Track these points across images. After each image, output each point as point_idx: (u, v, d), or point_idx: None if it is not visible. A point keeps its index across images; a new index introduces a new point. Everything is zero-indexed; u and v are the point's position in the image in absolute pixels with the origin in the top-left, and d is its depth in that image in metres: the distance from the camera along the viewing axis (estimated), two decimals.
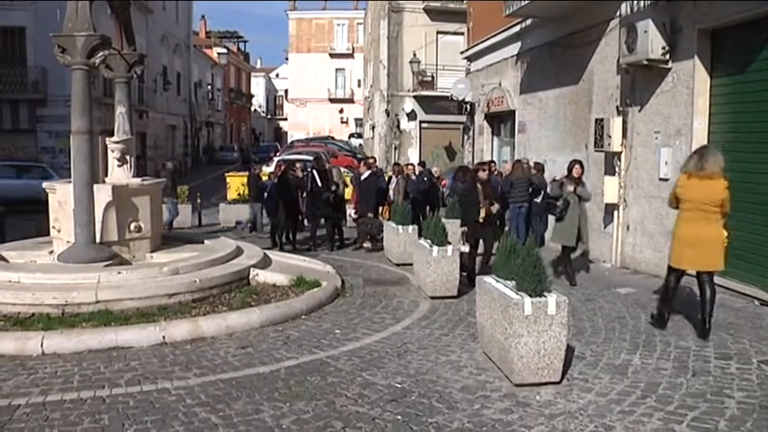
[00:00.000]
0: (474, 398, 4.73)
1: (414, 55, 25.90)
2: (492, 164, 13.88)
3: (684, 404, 4.58)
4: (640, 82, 9.64)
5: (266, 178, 15.09)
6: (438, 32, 26.17)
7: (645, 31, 8.83)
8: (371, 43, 35.18)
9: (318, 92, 57.92)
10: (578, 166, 8.85)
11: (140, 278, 7.32)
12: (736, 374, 5.16)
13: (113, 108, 9.34)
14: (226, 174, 20.79)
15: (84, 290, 6.76)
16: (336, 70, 59.01)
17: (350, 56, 57.87)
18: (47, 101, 23.76)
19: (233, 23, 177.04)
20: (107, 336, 5.89)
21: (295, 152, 27.15)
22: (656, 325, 6.47)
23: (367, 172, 12.52)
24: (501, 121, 16.79)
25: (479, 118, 17.57)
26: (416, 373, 5.23)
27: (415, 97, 27.01)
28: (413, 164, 15.71)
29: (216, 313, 6.80)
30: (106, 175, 8.92)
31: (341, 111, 58.75)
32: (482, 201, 8.60)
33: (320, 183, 11.99)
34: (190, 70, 41.05)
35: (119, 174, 9.03)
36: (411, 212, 10.78)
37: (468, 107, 18.39)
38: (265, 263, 8.98)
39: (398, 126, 27.55)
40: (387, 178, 13.86)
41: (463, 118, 19.14)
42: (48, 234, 8.71)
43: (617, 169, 10.26)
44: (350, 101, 58.11)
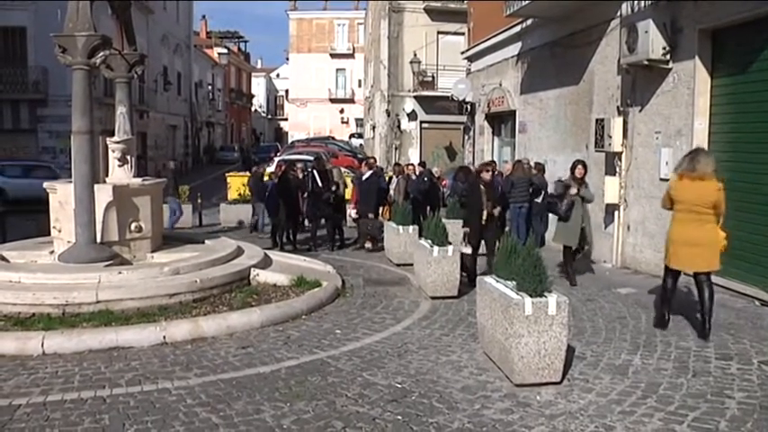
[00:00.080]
0: (474, 398, 4.73)
1: (414, 55, 25.90)
2: (492, 164, 13.92)
3: (685, 404, 4.58)
4: (641, 82, 9.64)
5: (267, 178, 15.09)
6: (438, 32, 26.18)
7: (645, 32, 8.83)
8: (372, 43, 35.18)
9: (319, 92, 57.92)
10: (581, 167, 8.82)
11: (141, 278, 7.32)
12: (736, 375, 5.15)
13: (114, 108, 9.35)
14: (226, 174, 20.80)
15: (84, 290, 6.76)
16: (337, 70, 59.02)
17: (350, 56, 57.88)
18: (47, 101, 23.80)
19: (233, 23, 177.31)
20: (108, 336, 5.89)
21: (295, 152, 27.16)
22: (657, 325, 6.48)
23: (368, 172, 12.51)
24: (501, 122, 16.79)
25: (480, 118, 17.57)
26: (417, 374, 5.23)
27: (416, 97, 27.01)
28: (413, 164, 15.72)
29: (216, 313, 6.80)
30: (107, 175, 8.93)
31: (341, 111, 58.75)
32: (485, 202, 8.56)
33: (321, 183, 11.99)
34: (190, 70, 41.08)
35: (119, 174, 9.04)
36: (411, 212, 10.78)
37: (468, 107, 18.40)
38: (266, 263, 8.99)
39: (399, 126, 27.56)
40: (387, 178, 13.87)
41: (464, 118, 19.15)
42: (48, 234, 8.72)
43: (617, 169, 10.26)
44: (350, 101, 58.11)
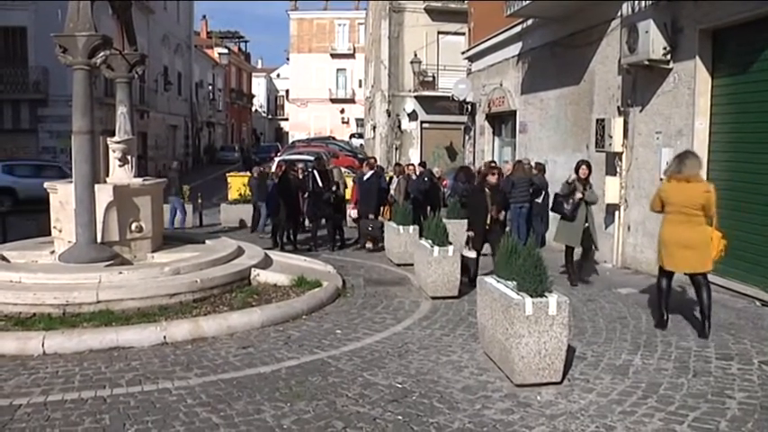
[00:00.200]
0: (475, 398, 4.73)
1: (415, 55, 25.89)
2: (492, 164, 13.91)
3: (685, 404, 4.58)
4: (641, 82, 9.64)
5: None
6: (439, 32, 26.17)
7: (646, 32, 8.83)
8: (372, 43, 35.17)
9: (319, 92, 57.91)
10: (585, 167, 8.74)
11: (141, 278, 7.32)
12: (737, 375, 5.15)
13: (114, 108, 9.35)
14: (227, 174, 20.80)
15: (85, 290, 6.77)
16: (337, 70, 59.01)
17: (351, 56, 57.87)
18: (48, 101, 23.80)
19: (234, 23, 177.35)
20: (108, 336, 5.89)
21: (296, 152, 27.14)
22: (657, 326, 6.48)
23: (369, 172, 12.51)
24: (502, 122, 16.79)
25: (480, 118, 17.57)
26: (417, 374, 5.23)
27: (416, 97, 27.00)
28: (413, 164, 15.70)
29: (217, 313, 6.80)
30: (107, 175, 8.93)
31: (342, 111, 58.74)
32: (490, 206, 8.50)
33: (321, 183, 11.99)
34: (191, 70, 41.09)
35: (120, 174, 9.03)
36: (412, 212, 10.77)
37: (469, 107, 18.40)
38: (266, 263, 8.99)
39: (399, 126, 27.55)
40: (387, 178, 13.86)
41: (464, 118, 19.15)
42: (49, 234, 8.72)
43: (618, 170, 10.26)
44: (351, 101, 58.11)
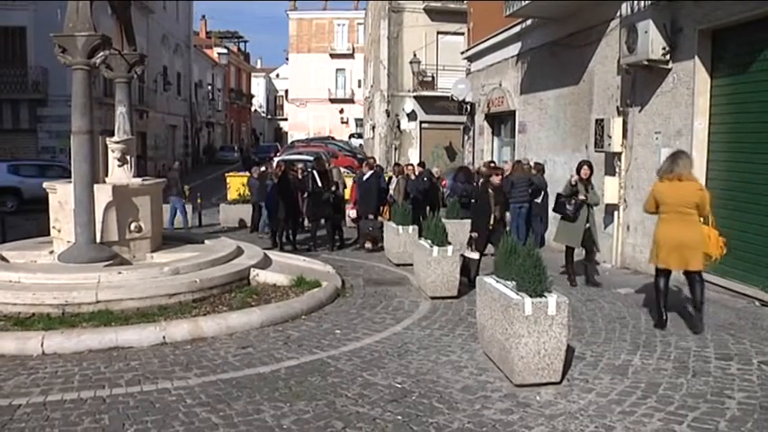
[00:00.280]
0: (474, 398, 4.73)
1: (414, 55, 25.87)
2: (491, 164, 13.90)
3: (685, 404, 4.58)
4: (641, 82, 9.64)
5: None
6: (438, 33, 26.14)
7: (645, 32, 8.84)
8: (372, 43, 35.16)
9: (319, 92, 57.88)
10: (587, 167, 8.68)
11: (141, 278, 7.32)
12: (736, 375, 5.16)
13: (114, 108, 9.36)
14: (226, 174, 20.79)
15: (84, 290, 6.76)
16: (337, 70, 58.98)
17: (350, 56, 57.84)
18: (47, 101, 23.77)
19: (233, 23, 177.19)
20: (107, 336, 5.89)
21: (295, 152, 27.13)
22: (657, 326, 6.48)
23: (369, 172, 12.50)
24: (501, 122, 16.79)
25: (480, 118, 17.58)
26: (417, 374, 5.23)
27: (416, 97, 26.99)
28: (413, 164, 15.69)
29: (216, 313, 6.80)
30: (107, 175, 8.93)
31: (341, 111, 58.72)
32: (493, 207, 8.49)
33: (321, 183, 11.98)
34: (190, 70, 41.07)
35: (119, 174, 9.03)
36: (411, 213, 10.77)
37: (468, 107, 18.40)
38: (266, 263, 8.99)
39: (399, 126, 27.53)
40: (387, 178, 13.86)
41: (463, 118, 19.14)
42: (48, 234, 8.71)
43: (617, 170, 10.26)
44: (350, 101, 58.08)
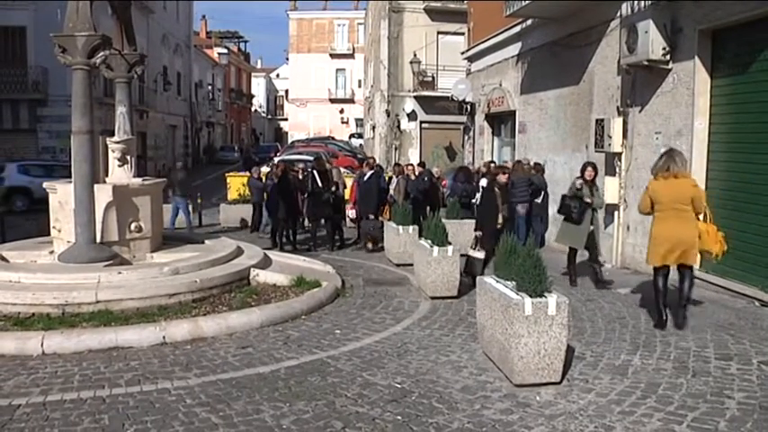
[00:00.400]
0: (474, 398, 4.73)
1: (414, 55, 25.87)
2: (492, 164, 13.90)
3: (685, 405, 4.58)
4: (641, 82, 9.64)
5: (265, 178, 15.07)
6: (438, 33, 26.14)
7: (645, 32, 8.84)
8: (372, 43, 35.16)
9: (319, 92, 57.89)
10: (591, 169, 8.63)
11: (141, 278, 7.32)
12: (736, 375, 5.16)
13: (114, 108, 9.36)
14: (226, 174, 20.79)
15: (84, 290, 6.76)
16: (337, 70, 58.99)
17: (350, 56, 57.84)
18: (47, 101, 23.78)
19: (233, 23, 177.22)
20: (107, 336, 5.89)
21: (295, 152, 27.14)
22: (657, 326, 6.48)
23: (369, 172, 12.51)
24: (501, 122, 16.80)
25: (480, 118, 17.58)
26: (416, 374, 5.23)
27: (416, 97, 26.99)
28: (413, 164, 15.69)
29: (216, 313, 6.80)
30: (107, 175, 8.93)
31: (341, 111, 58.73)
32: (500, 206, 8.48)
33: (321, 183, 11.98)
34: (190, 70, 41.08)
35: (119, 174, 9.04)
36: (411, 213, 10.77)
37: (468, 107, 18.40)
38: (265, 263, 8.99)
39: (399, 126, 27.53)
40: (387, 178, 13.86)
41: (463, 118, 19.15)
42: (48, 234, 8.71)
43: (617, 170, 10.26)
44: (350, 101, 58.08)
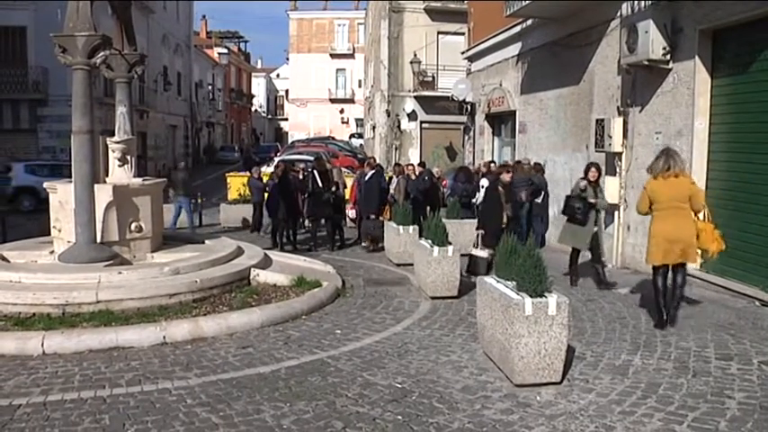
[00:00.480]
0: (474, 398, 4.73)
1: (414, 55, 25.87)
2: (492, 164, 13.91)
3: (685, 405, 4.58)
4: (641, 82, 9.64)
5: (266, 178, 15.06)
6: (439, 33, 26.14)
7: (646, 32, 8.84)
8: (372, 43, 35.15)
9: (319, 92, 57.87)
10: (594, 169, 8.56)
11: (141, 278, 7.32)
12: (736, 375, 5.16)
13: (114, 108, 9.36)
14: (226, 174, 20.80)
15: (84, 290, 6.77)
16: (337, 70, 58.97)
17: (350, 56, 57.82)
18: (48, 101, 23.78)
19: (233, 23, 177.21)
20: (108, 336, 5.90)
21: (296, 152, 27.12)
22: (657, 326, 6.48)
23: (371, 172, 12.51)
24: (501, 122, 16.79)
25: (480, 118, 17.57)
26: (417, 374, 5.23)
27: (416, 97, 26.99)
28: (413, 164, 15.69)
29: (216, 313, 6.80)
30: (107, 175, 8.93)
31: (341, 111, 58.71)
32: (505, 205, 8.47)
33: (321, 183, 11.98)
34: (190, 70, 41.08)
35: (120, 174, 9.04)
36: (411, 212, 10.77)
37: (468, 107, 18.40)
38: (266, 263, 8.99)
39: (399, 126, 27.53)
40: (387, 178, 13.86)
41: (464, 118, 19.14)
42: (48, 234, 8.71)
43: (618, 170, 10.26)
44: (350, 101, 58.06)
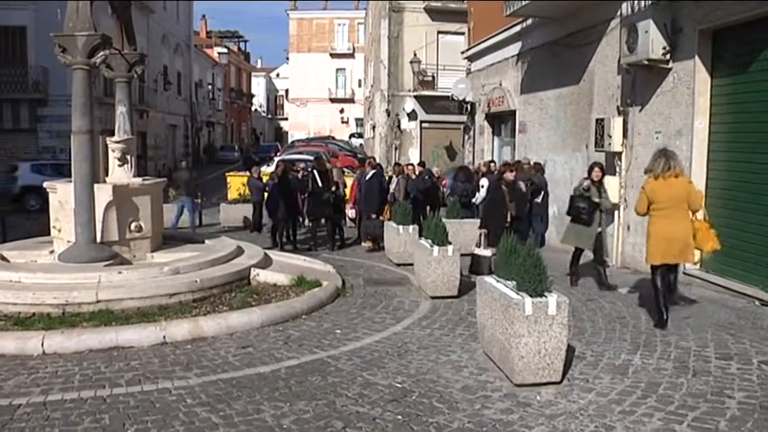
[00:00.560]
0: (474, 398, 4.73)
1: (414, 55, 25.87)
2: (492, 163, 13.91)
3: (685, 404, 4.58)
4: (641, 82, 9.64)
5: (266, 178, 15.06)
6: (439, 32, 26.13)
7: (645, 32, 8.83)
8: (372, 43, 35.15)
9: (319, 92, 57.87)
10: (598, 169, 8.50)
11: (141, 278, 7.32)
12: (736, 375, 5.16)
13: (114, 108, 9.35)
14: (226, 174, 20.80)
15: (84, 289, 6.77)
16: (337, 70, 58.97)
17: (350, 56, 57.82)
18: (48, 100, 23.78)
19: (233, 23, 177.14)
20: (107, 335, 5.90)
21: (296, 152, 27.12)
22: (657, 325, 6.48)
23: (371, 171, 12.51)
24: (501, 121, 16.79)
25: (480, 118, 17.57)
26: (417, 373, 5.23)
27: (416, 97, 26.98)
28: (413, 164, 15.69)
29: (216, 313, 6.80)
30: (107, 175, 8.93)
31: (341, 111, 58.70)
32: (508, 204, 8.45)
33: (321, 183, 11.99)
34: (190, 70, 41.08)
35: (119, 173, 9.04)
36: (411, 212, 10.77)
37: (468, 107, 18.40)
38: (266, 263, 8.99)
39: (399, 126, 27.52)
40: (387, 178, 13.86)
41: (464, 118, 19.14)
42: (48, 233, 8.71)
43: (617, 169, 10.26)
44: (350, 101, 58.06)
